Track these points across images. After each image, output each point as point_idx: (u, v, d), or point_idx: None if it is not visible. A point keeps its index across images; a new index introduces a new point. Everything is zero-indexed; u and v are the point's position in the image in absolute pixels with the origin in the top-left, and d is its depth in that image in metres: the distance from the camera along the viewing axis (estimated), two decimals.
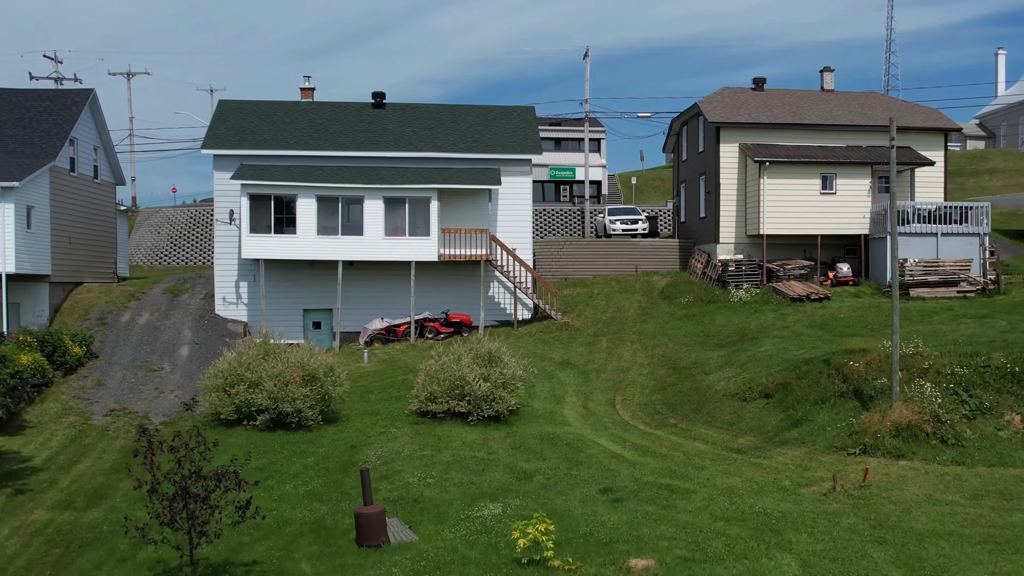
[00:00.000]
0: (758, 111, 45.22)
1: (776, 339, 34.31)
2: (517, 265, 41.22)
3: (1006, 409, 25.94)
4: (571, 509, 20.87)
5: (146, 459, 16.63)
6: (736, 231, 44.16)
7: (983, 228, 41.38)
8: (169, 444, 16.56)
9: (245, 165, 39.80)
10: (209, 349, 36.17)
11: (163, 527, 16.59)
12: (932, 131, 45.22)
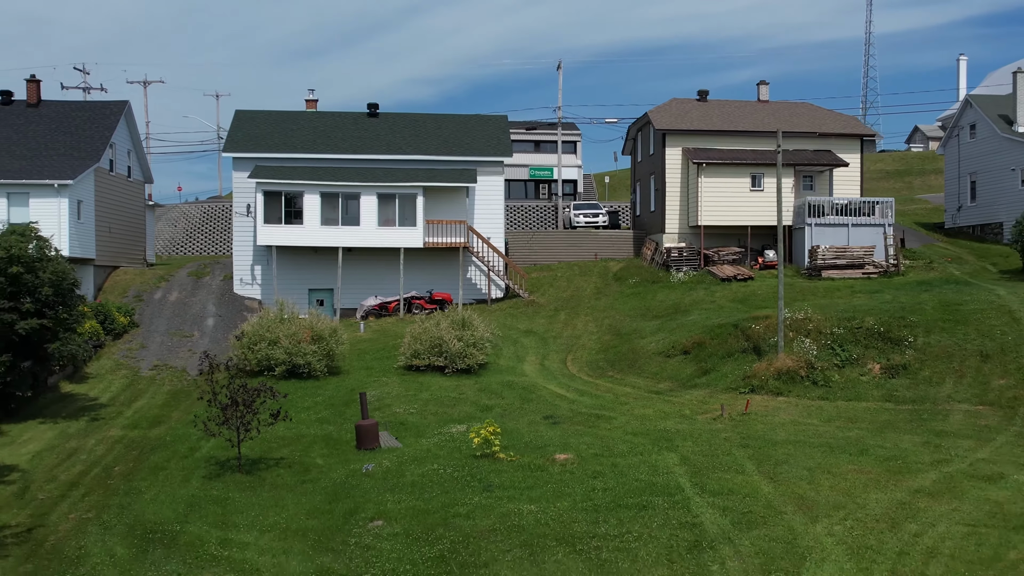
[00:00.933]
0: (700, 119, 51.45)
1: (702, 311, 40.58)
2: (491, 252, 47.40)
3: (869, 360, 32.27)
4: (519, 428, 27.03)
5: (209, 376, 22.79)
6: (680, 223, 50.41)
7: (888, 220, 47.65)
8: (225, 366, 22.71)
9: (259, 166, 45.88)
10: (230, 320, 42.27)
11: (220, 426, 22.73)
12: (849, 136, 51.52)
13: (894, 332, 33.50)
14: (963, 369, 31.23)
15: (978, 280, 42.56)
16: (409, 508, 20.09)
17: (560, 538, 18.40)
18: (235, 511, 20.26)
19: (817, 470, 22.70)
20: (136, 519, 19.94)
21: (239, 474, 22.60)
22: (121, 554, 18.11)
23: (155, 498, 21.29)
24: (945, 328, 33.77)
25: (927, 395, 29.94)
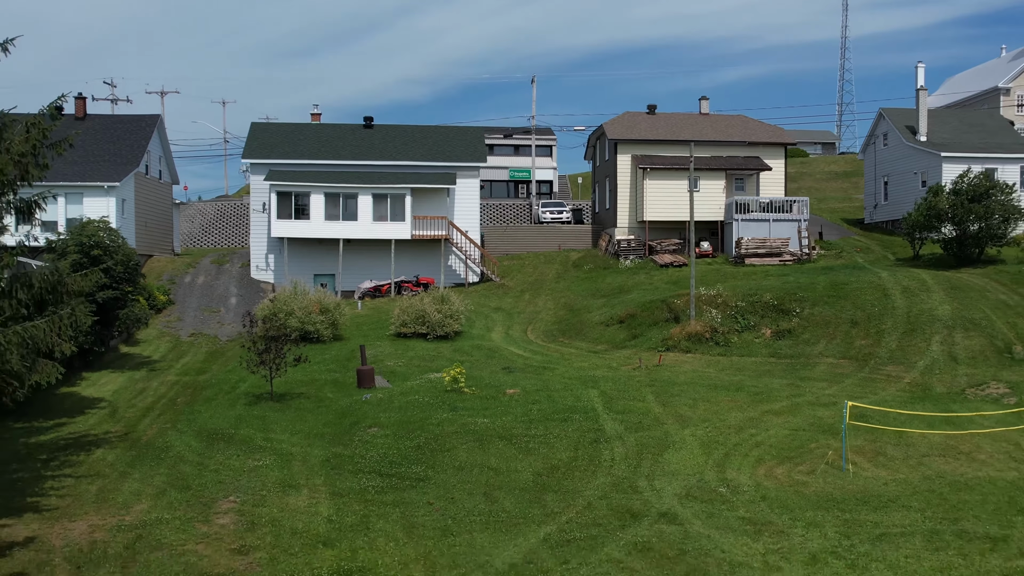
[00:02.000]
0: (647, 130, 58.87)
1: (641, 291, 48.03)
2: (468, 243, 54.73)
3: (763, 326, 39.78)
4: (482, 375, 34.34)
5: (249, 329, 30.12)
6: (629, 218, 57.84)
7: (803, 216, 55.12)
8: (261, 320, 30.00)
9: (273, 170, 53.12)
10: (250, 299, 49.51)
11: (257, 367, 30.02)
12: (775, 145, 59.03)
13: (786, 305, 41.07)
14: (835, 333, 38.78)
15: (874, 266, 50.07)
16: (396, 420, 27.43)
17: (502, 436, 25.73)
18: (271, 423, 27.58)
19: (699, 399, 30.12)
20: (201, 427, 27.25)
21: (271, 402, 29.91)
22: (195, 446, 25.40)
23: (212, 416, 28.59)
24: (828, 302, 41.34)
25: (803, 352, 37.46)
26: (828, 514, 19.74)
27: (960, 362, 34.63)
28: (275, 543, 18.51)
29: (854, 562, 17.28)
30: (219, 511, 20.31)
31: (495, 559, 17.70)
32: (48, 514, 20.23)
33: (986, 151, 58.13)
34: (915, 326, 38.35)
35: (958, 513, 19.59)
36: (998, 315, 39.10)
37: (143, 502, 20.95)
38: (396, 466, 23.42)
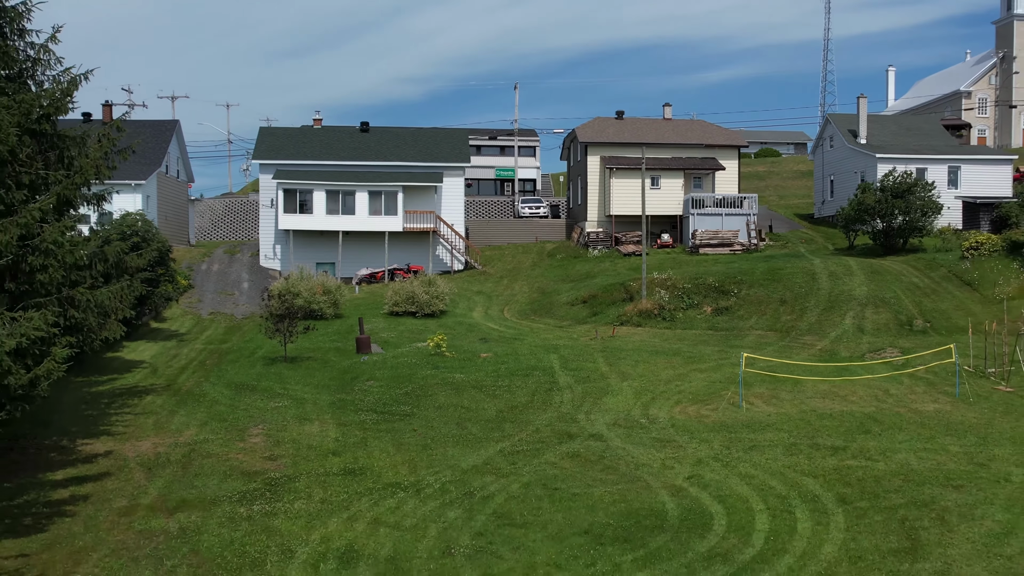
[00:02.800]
0: (615, 134, 64.41)
1: (605, 276, 53.58)
2: (454, 235, 60.23)
3: (705, 304, 45.37)
4: (462, 344, 39.82)
5: (268, 299, 35.58)
6: (598, 213, 63.40)
7: (752, 211, 60.72)
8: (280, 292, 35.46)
9: (280, 170, 58.55)
10: (260, 284, 54.94)
11: (273, 333, 35.49)
12: (730, 147, 64.63)
13: (726, 287, 46.70)
14: (766, 310, 44.42)
15: (812, 255, 55.67)
16: (388, 375, 32.94)
17: (474, 386, 31.24)
18: (286, 378, 33.07)
19: (640, 361, 35.67)
20: (229, 380, 32.74)
21: (285, 363, 35.40)
22: (226, 394, 30.88)
23: (237, 373, 34.07)
24: (763, 284, 46.98)
25: (737, 326, 43.07)
26: (718, 435, 25.32)
27: (866, 332, 40.28)
28: (296, 454, 24.04)
29: (728, 463, 22.84)
30: (251, 435, 25.84)
31: (462, 462, 23.25)
32: (119, 437, 25.73)
33: (918, 153, 63.78)
34: (834, 304, 44.02)
35: (816, 433, 25.19)
36: (907, 295, 44.78)
37: (191, 429, 26.47)
38: (388, 406, 28.95)
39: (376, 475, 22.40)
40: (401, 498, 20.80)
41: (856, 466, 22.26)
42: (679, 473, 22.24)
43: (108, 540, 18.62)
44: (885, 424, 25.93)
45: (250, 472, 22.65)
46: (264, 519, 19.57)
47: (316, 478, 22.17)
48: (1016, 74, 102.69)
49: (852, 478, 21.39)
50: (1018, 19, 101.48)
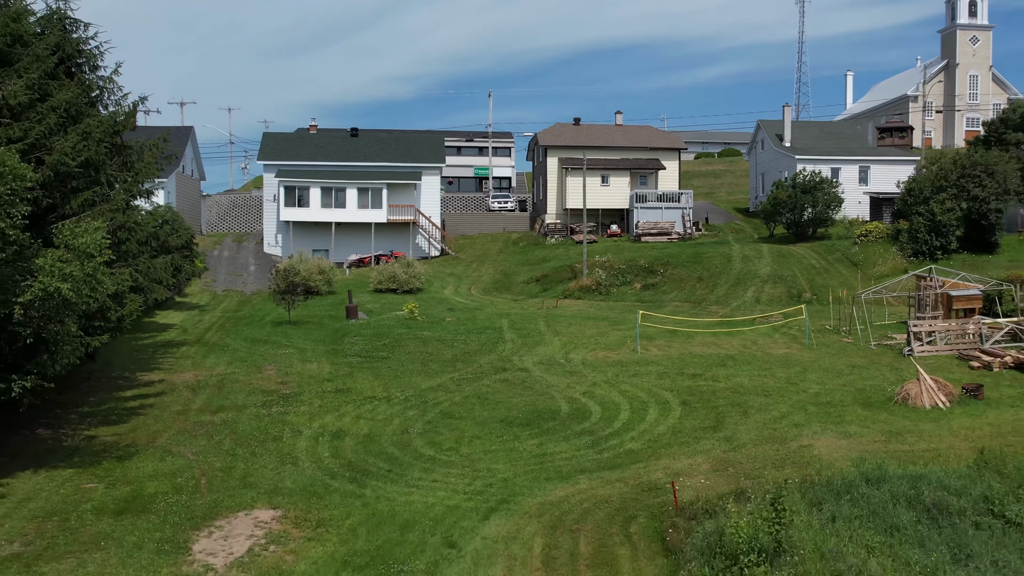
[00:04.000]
0: (571, 138, 72.22)
1: (558, 260, 61.42)
2: (431, 225, 67.97)
3: (636, 281, 53.25)
4: (432, 312, 47.54)
5: (275, 273, 43.28)
6: (556, 207, 71.20)
7: (688, 205, 68.58)
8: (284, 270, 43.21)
9: (281, 169, 66.17)
10: (264, 267, 62.59)
11: (280, 302, 43.22)
12: (671, 150, 72.50)
13: (654, 267, 54.61)
14: (684, 285, 52.34)
15: (736, 242, 63.55)
16: (371, 333, 40.70)
17: (437, 340, 39.03)
18: (291, 335, 40.78)
19: (573, 324, 43.49)
20: (245, 336, 40.45)
21: (289, 325, 43.11)
22: (244, 345, 38.59)
23: (251, 332, 41.77)
24: (686, 265, 54.89)
25: (659, 298, 50.96)
26: (614, 368, 33.20)
27: (762, 303, 48.22)
28: (300, 380, 31.82)
29: (613, 384, 30.70)
30: (266, 370, 33.61)
31: (421, 385, 31.06)
32: (167, 371, 33.48)
33: (834, 154, 71.77)
34: (741, 280, 52.00)
35: (684, 367, 33.11)
36: (803, 273, 52.77)
37: (220, 366, 34.23)
38: (369, 353, 36.73)
39: (359, 392, 30.21)
40: (376, 404, 28.63)
41: (703, 385, 30.19)
42: (576, 390, 30.13)
43: (172, 426, 26.38)
44: (739, 361, 33.89)
45: (267, 391, 30.43)
46: (279, 415, 27.37)
47: (315, 394, 29.98)
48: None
49: (697, 391, 29.32)
50: (960, 29, 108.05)
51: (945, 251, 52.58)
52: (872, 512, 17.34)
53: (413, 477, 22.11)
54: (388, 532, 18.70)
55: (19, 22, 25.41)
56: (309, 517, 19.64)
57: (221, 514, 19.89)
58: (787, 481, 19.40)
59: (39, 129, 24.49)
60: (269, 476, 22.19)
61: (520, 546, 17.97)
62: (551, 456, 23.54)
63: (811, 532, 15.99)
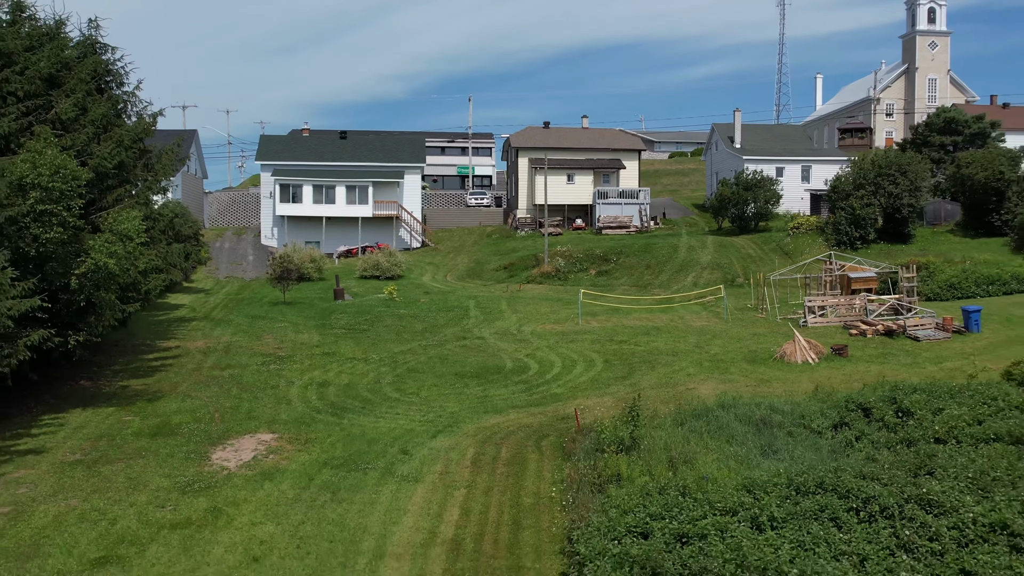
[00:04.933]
0: (541, 140, 77.75)
1: (525, 250, 66.97)
2: (412, 219, 73.47)
3: (591, 268, 58.85)
4: (409, 294, 53.06)
5: (272, 260, 48.74)
6: (527, 203, 76.76)
7: (646, 200, 74.17)
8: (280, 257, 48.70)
9: (277, 169, 71.56)
10: (262, 257, 67.99)
11: (276, 285, 48.70)
12: (631, 151, 78.08)
13: (609, 256, 60.23)
14: (634, 272, 57.97)
15: (687, 235, 69.20)
16: (354, 311, 46.21)
17: (411, 316, 44.56)
18: (286, 312, 46.25)
19: (531, 304, 49.04)
20: (246, 314, 45.91)
21: (284, 304, 48.58)
22: (246, 320, 44.06)
23: (251, 310, 47.22)
24: (637, 254, 60.54)
25: (611, 283, 56.57)
26: (556, 336, 38.78)
27: (699, 286, 53.83)
28: (293, 346, 37.35)
29: (553, 348, 36.27)
30: (265, 339, 39.11)
31: (394, 349, 36.63)
32: (181, 339, 38.96)
33: (779, 155, 77.47)
34: (684, 267, 57.65)
35: (615, 335, 38.68)
36: (739, 261, 58.42)
37: (226, 336, 39.72)
38: (352, 326, 42.25)
39: (342, 355, 35.77)
40: (355, 363, 34.21)
41: (626, 349, 35.84)
42: (521, 353, 35.75)
43: (189, 379, 31.89)
44: (662, 331, 39.55)
45: (266, 353, 35.96)
46: (276, 371, 32.92)
47: (305, 356, 35.53)
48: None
49: (619, 353, 34.96)
50: (920, 35, 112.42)
51: (864, 241, 58.31)
52: (718, 427, 22.91)
53: (381, 411, 27.70)
54: (358, 445, 24.27)
55: (65, 51, 30.82)
56: (299, 437, 25.20)
57: (232, 436, 25.43)
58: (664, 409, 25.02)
59: (82, 138, 29.93)
60: (268, 411, 27.74)
61: (457, 453, 23.56)
62: (491, 398, 29.16)
63: (663, 433, 21.59)
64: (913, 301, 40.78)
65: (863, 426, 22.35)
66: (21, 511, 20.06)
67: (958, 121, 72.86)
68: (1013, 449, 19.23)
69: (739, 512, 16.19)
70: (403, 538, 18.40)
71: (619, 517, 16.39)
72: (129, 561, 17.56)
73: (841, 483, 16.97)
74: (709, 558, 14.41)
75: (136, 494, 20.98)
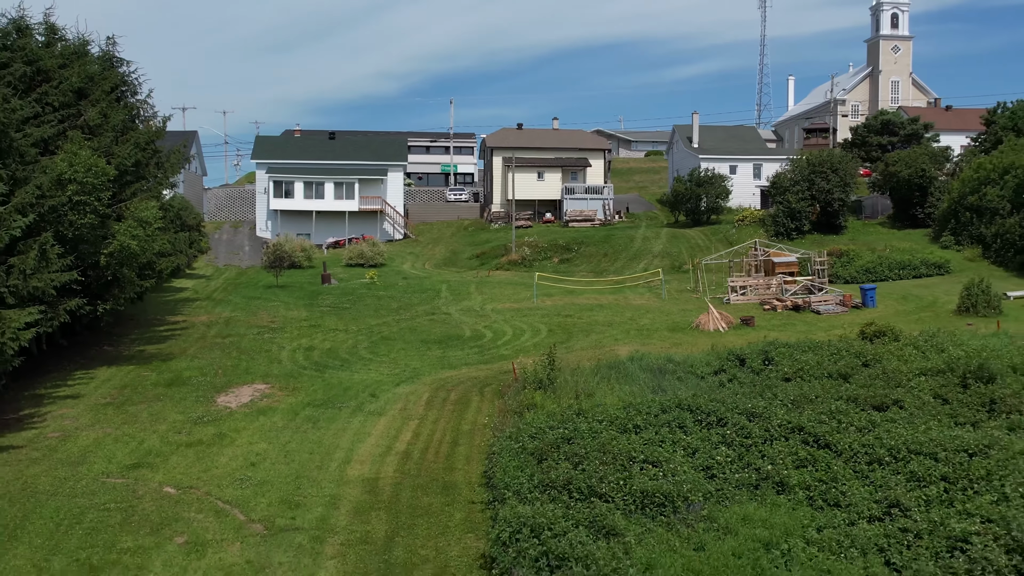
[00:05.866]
0: (514, 140, 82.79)
1: (497, 241, 72.01)
2: (395, 213, 78.46)
3: (555, 256, 63.99)
4: (389, 280, 58.06)
5: (267, 249, 53.71)
6: (501, 198, 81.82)
7: (609, 196, 79.29)
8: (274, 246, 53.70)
9: (271, 167, 76.46)
10: (257, 248, 72.89)
11: (270, 270, 53.70)
12: (597, 150, 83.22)
13: (571, 246, 65.35)
14: (592, 260, 63.14)
15: (645, 227, 74.35)
16: (339, 292, 51.23)
17: (389, 297, 49.60)
18: (279, 294, 51.22)
19: (497, 288, 54.12)
20: (244, 295, 50.88)
21: (277, 288, 53.55)
22: (243, 300, 49.03)
23: (247, 292, 52.16)
24: (596, 244, 65.68)
25: (571, 270, 61.70)
26: (514, 313, 43.88)
27: (649, 272, 58.99)
28: (284, 320, 42.36)
29: (508, 321, 41.35)
30: (260, 315, 44.12)
31: (371, 323, 41.69)
32: (187, 315, 43.95)
33: (733, 154, 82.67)
34: (637, 256, 62.84)
35: (563, 311, 43.84)
36: (688, 250, 63.61)
37: (226, 312, 44.72)
38: (336, 305, 47.29)
39: (326, 327, 40.83)
40: (337, 333, 39.28)
41: (569, 321, 40.98)
42: (480, 325, 40.86)
43: (196, 345, 36.87)
44: (604, 308, 44.71)
45: (261, 326, 40.99)
46: (270, 339, 37.93)
47: (295, 328, 40.57)
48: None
49: (563, 324, 40.10)
50: (883, 39, 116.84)
51: (800, 232, 63.60)
52: (623, 374, 28.04)
53: (356, 368, 32.79)
54: (336, 391, 29.35)
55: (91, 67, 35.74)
56: (288, 386, 30.25)
57: (232, 386, 30.47)
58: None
59: (106, 140, 34.86)
60: (263, 368, 32.79)
61: (415, 396, 28.66)
62: (449, 358, 34.28)
63: (577, 377, 26.71)
64: (824, 282, 46.04)
65: (736, 371, 27.55)
66: (68, 435, 25.12)
67: (894, 123, 78.19)
68: (837, 382, 24.46)
69: (614, 423, 21.35)
70: (366, 451, 23.51)
71: (525, 428, 21.54)
72: (156, 467, 22.63)
73: (695, 404, 22.16)
74: (582, 448, 19.55)
75: (157, 425, 26.04)
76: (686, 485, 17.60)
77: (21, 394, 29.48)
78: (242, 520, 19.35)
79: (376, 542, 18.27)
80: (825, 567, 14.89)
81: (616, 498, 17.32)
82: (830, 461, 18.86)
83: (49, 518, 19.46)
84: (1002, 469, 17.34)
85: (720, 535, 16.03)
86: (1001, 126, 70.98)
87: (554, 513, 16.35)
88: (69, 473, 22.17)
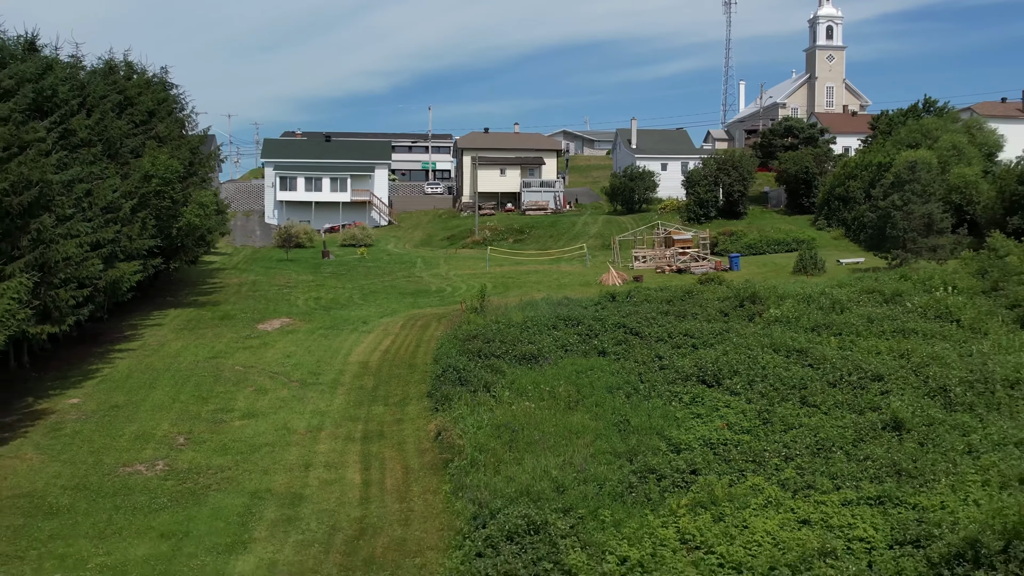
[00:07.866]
0: (481, 142, 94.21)
1: (464, 226, 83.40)
2: (381, 204, 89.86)
3: (510, 238, 75.66)
4: (377, 256, 69.49)
5: (278, 230, 65.05)
6: (470, 191, 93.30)
7: (560, 189, 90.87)
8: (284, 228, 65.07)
9: (277, 164, 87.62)
10: (267, 232, 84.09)
11: (282, 247, 65.07)
12: (551, 150, 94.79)
13: (524, 229, 77.03)
14: (541, 241, 74.79)
15: (588, 215, 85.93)
16: (337, 264, 62.64)
17: (376, 267, 61.06)
18: (289, 266, 62.55)
19: (461, 260, 65.64)
20: (261, 267, 62.24)
21: (287, 261, 64.90)
22: (261, 269, 60.34)
23: (263, 265, 63.48)
24: (545, 228, 77.32)
25: (522, 248, 73.37)
26: (468, 276, 55.50)
27: (587, 250, 70.70)
28: (296, 282, 53.78)
29: (465, 281, 52.96)
30: (277, 278, 55.51)
31: (362, 283, 53.21)
32: (221, 279, 55.27)
33: (665, 154, 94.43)
34: (577, 237, 74.53)
35: (507, 276, 55.49)
36: (618, 232, 75.30)
37: (252, 277, 56.10)
38: (336, 272, 58.69)
39: (329, 285, 52.31)
40: (337, 289, 50.79)
41: (511, 280, 52.60)
42: (443, 283, 52.48)
43: (235, 295, 48.22)
44: (539, 272, 56.31)
45: (280, 285, 52.40)
46: (288, 292, 49.38)
47: (305, 286, 52.03)
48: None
49: (505, 283, 51.71)
50: (819, 49, 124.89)
51: (707, 217, 75.44)
52: (533, 306, 39.67)
53: (352, 308, 44.34)
54: (337, 321, 40.90)
55: (159, 93, 46.97)
56: (305, 319, 41.76)
57: (266, 319, 41.92)
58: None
59: (172, 146, 46.09)
60: (285, 309, 44.25)
61: (393, 323, 40.23)
62: (419, 302, 45.89)
63: (504, 309, 38.34)
64: (707, 253, 57.90)
65: (608, 303, 39.31)
66: (164, 343, 36.64)
67: (795, 128, 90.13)
68: (664, 305, 36.23)
69: (514, 327, 33.05)
70: (360, 350, 35.13)
71: (461, 330, 33.25)
72: (227, 357, 34.18)
73: (566, 316, 33.91)
74: (492, 337, 31.24)
75: (221, 339, 37.58)
76: (546, 350, 29.36)
77: (120, 323, 40.89)
78: (286, 381, 30.97)
79: (367, 389, 29.94)
80: (612, 380, 26.68)
81: (505, 357, 29.07)
82: (638, 342, 30.62)
83: (169, 379, 31.02)
84: (731, 335, 29.19)
85: (558, 371, 27.81)
86: (880, 130, 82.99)
87: (468, 363, 28.08)
88: (172, 361, 33.70)
